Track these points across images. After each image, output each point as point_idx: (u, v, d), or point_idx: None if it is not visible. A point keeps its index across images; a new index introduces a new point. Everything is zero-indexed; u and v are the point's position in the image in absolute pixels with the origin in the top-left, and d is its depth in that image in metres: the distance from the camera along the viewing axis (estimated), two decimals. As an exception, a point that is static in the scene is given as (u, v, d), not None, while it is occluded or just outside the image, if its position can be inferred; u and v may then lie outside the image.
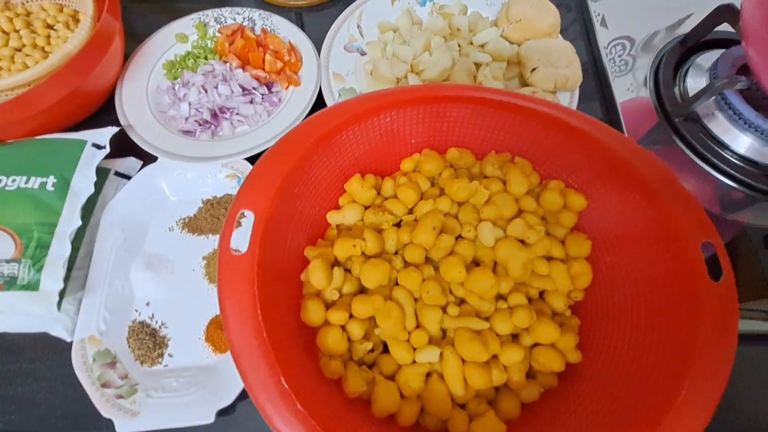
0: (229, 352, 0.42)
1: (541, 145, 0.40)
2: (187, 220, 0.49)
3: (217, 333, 0.43)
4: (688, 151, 0.56)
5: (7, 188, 0.43)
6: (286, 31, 0.59)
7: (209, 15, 0.60)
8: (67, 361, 0.41)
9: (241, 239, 0.29)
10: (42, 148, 0.46)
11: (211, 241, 0.48)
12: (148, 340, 0.43)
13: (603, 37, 0.67)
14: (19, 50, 0.52)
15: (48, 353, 0.43)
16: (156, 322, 0.44)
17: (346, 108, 0.36)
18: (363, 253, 0.36)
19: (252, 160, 0.50)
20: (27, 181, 0.43)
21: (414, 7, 0.63)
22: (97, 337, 0.41)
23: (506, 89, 0.55)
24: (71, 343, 0.41)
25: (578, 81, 0.54)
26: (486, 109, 0.40)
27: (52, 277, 0.40)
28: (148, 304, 0.45)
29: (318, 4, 0.67)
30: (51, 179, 0.44)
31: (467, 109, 0.40)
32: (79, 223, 0.43)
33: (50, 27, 0.55)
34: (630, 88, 0.62)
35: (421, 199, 0.39)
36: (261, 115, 0.54)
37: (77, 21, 0.56)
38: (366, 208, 0.40)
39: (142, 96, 0.54)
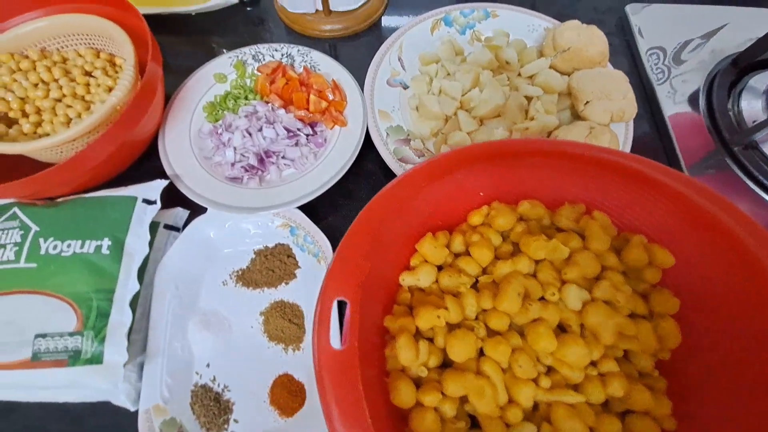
0: (296, 415, 0.41)
1: (615, 196, 0.39)
2: (240, 272, 0.48)
3: (282, 395, 0.42)
4: (745, 179, 0.54)
5: (62, 254, 0.41)
6: (327, 67, 0.58)
7: (246, 53, 0.59)
8: (129, 429, 0.40)
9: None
10: (93, 208, 0.45)
11: (267, 295, 0.47)
12: (213, 406, 0.41)
13: (640, 46, 0.65)
14: (59, 101, 0.51)
15: (109, 422, 0.42)
16: (218, 385, 0.43)
17: (420, 175, 0.35)
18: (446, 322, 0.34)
19: (303, 207, 0.48)
20: (82, 246, 0.42)
21: (454, 36, 0.61)
22: (162, 406, 0.40)
23: (560, 122, 0.53)
24: (134, 410, 0.40)
25: (634, 113, 0.52)
26: (558, 161, 0.38)
27: (115, 348, 0.39)
28: (208, 365, 0.44)
29: (352, 34, 0.66)
30: (106, 242, 0.42)
31: (538, 160, 0.38)
32: (137, 287, 0.42)
33: (88, 74, 0.53)
34: (668, 95, 0.61)
35: (495, 256, 0.38)
36: (307, 157, 0.53)
37: (114, 65, 0.55)
38: (438, 267, 0.38)
39: (185, 142, 0.53)
